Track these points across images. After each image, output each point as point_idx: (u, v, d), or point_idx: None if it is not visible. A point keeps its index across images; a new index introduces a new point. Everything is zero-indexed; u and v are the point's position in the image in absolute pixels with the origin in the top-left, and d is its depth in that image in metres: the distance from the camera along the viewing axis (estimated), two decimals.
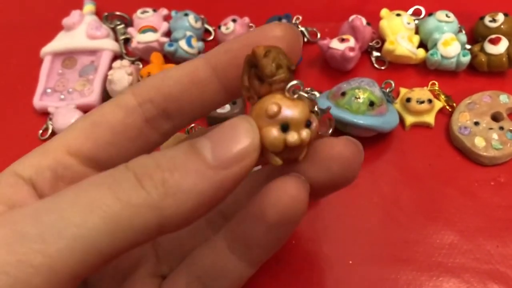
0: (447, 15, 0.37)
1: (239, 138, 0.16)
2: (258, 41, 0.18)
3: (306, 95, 0.17)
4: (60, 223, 0.14)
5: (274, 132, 0.17)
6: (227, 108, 0.34)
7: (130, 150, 0.20)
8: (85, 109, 0.37)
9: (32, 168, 0.18)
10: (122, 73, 0.36)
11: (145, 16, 0.40)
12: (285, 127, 0.17)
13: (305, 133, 0.17)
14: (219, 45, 0.20)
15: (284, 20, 0.38)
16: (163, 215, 0.15)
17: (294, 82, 0.17)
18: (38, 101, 0.38)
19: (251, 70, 0.18)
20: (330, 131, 0.19)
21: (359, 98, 0.31)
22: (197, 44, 0.39)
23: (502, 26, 0.37)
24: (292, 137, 0.17)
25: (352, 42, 0.36)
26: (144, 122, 0.20)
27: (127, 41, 0.41)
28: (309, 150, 0.19)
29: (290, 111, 0.17)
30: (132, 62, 0.39)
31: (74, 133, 0.19)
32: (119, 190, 0.15)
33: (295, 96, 0.17)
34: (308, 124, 0.17)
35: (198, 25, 0.40)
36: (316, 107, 0.18)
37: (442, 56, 0.36)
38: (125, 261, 0.22)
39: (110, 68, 0.39)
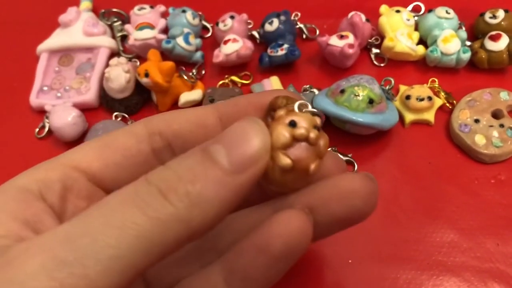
0: (447, 12, 0.37)
1: (251, 140, 0.17)
2: (260, 101, 0.21)
3: (314, 110, 0.19)
4: (95, 246, 0.15)
5: (281, 126, 0.18)
6: None
7: (134, 175, 0.20)
8: (81, 107, 0.36)
9: (40, 181, 0.19)
10: (119, 70, 0.36)
11: (142, 13, 0.40)
12: (293, 123, 0.18)
13: (312, 133, 0.18)
14: (229, 99, 0.22)
15: (282, 17, 0.38)
16: (191, 226, 0.16)
17: (301, 101, 0.19)
18: (34, 99, 0.37)
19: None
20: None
21: (358, 95, 0.31)
22: (195, 41, 0.38)
23: (502, 23, 0.36)
24: (299, 129, 0.18)
25: (351, 39, 0.36)
26: (151, 151, 0.21)
27: (124, 38, 0.41)
28: (320, 167, 0.19)
29: (297, 117, 0.18)
30: (129, 60, 0.39)
31: (84, 152, 0.20)
32: (147, 207, 0.16)
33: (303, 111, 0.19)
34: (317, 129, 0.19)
35: (196, 22, 0.39)
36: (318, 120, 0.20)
37: (442, 53, 0.35)
38: None
39: (107, 65, 0.38)
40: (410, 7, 0.40)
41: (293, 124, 0.18)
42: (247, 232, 0.19)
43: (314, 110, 0.19)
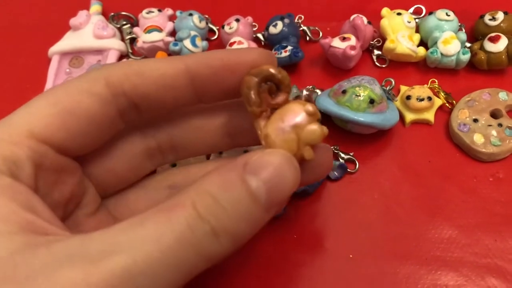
0: (447, 14, 0.38)
1: (289, 183, 0.18)
2: (237, 62, 0.20)
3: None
4: (153, 283, 0.15)
5: (316, 126, 0.19)
6: None
7: (101, 138, 0.21)
8: None
9: (9, 161, 0.17)
10: None
11: (150, 16, 0.41)
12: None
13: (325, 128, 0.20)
14: (200, 55, 0.21)
15: (286, 20, 0.39)
16: (222, 256, 0.17)
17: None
18: None
19: (260, 87, 0.20)
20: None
21: (359, 95, 0.32)
22: (202, 44, 0.39)
23: (502, 24, 0.37)
24: (326, 129, 0.20)
25: (353, 40, 0.37)
26: (117, 113, 0.20)
27: (133, 40, 0.42)
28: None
29: (311, 108, 0.20)
30: None
31: (43, 119, 0.18)
32: (201, 249, 0.16)
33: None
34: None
35: (202, 24, 0.41)
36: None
37: (442, 54, 0.36)
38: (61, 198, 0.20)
39: None
40: (411, 9, 0.41)
41: (311, 113, 0.19)
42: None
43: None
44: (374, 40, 0.39)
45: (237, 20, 0.39)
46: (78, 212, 0.22)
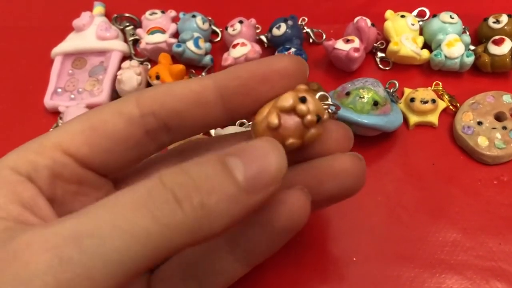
0: (451, 17, 0.38)
1: (270, 163, 0.17)
2: (266, 70, 0.20)
3: (330, 103, 0.21)
4: (103, 249, 0.15)
5: (293, 94, 0.19)
6: None
7: (126, 158, 0.20)
8: None
9: (29, 165, 0.18)
10: (131, 73, 0.37)
11: (153, 18, 0.41)
12: (303, 99, 0.19)
13: (311, 116, 0.19)
14: (228, 70, 0.21)
15: (289, 22, 0.39)
16: (197, 235, 0.16)
17: (324, 93, 0.21)
18: (49, 101, 0.39)
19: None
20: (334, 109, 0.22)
21: (363, 97, 0.32)
22: (205, 45, 0.39)
23: (506, 27, 0.37)
24: (303, 106, 0.19)
25: (357, 43, 0.37)
26: (144, 133, 0.20)
27: (136, 42, 0.42)
28: (297, 147, 0.20)
29: (311, 99, 0.19)
30: (141, 63, 0.40)
31: (71, 135, 0.19)
32: (159, 214, 0.15)
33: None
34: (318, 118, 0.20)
35: (206, 26, 0.41)
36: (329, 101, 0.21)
37: (446, 56, 0.36)
38: None
39: (119, 68, 0.39)
40: (415, 12, 0.41)
41: (303, 100, 0.19)
42: None
43: (331, 104, 0.21)
44: (378, 43, 0.39)
45: (241, 22, 0.39)
46: None
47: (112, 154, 0.20)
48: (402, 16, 0.38)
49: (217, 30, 0.42)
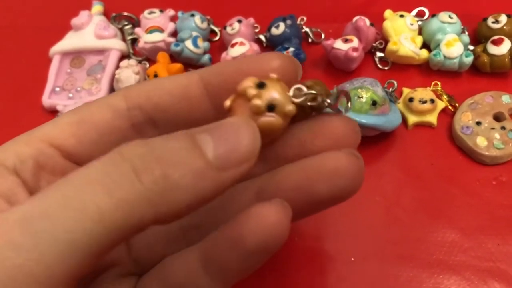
0: (450, 16, 0.38)
1: (242, 140, 0.16)
2: (255, 68, 0.19)
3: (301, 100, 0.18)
4: (53, 230, 0.14)
5: (252, 80, 0.18)
6: None
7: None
8: None
9: (15, 156, 0.18)
10: (129, 72, 0.37)
11: (152, 17, 0.41)
12: (261, 85, 0.18)
13: (257, 101, 0.17)
14: (214, 65, 0.20)
15: (288, 21, 0.38)
16: (158, 211, 0.15)
17: (300, 86, 0.18)
18: (47, 99, 0.39)
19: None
20: (349, 105, 0.19)
21: (361, 97, 0.32)
22: (203, 44, 0.39)
23: (505, 27, 0.37)
24: (251, 91, 0.17)
25: (355, 42, 0.37)
26: (130, 126, 0.20)
27: (134, 41, 0.42)
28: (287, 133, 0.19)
29: (276, 86, 0.18)
30: (139, 62, 0.40)
31: (60, 126, 0.19)
32: (114, 187, 0.14)
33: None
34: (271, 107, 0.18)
35: (204, 25, 0.40)
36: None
37: (445, 56, 0.36)
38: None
39: (117, 67, 0.39)
40: (414, 12, 0.41)
41: (260, 85, 0.18)
42: (228, 215, 0.18)
43: (308, 93, 0.18)
44: (377, 42, 0.39)
45: (239, 21, 0.39)
46: None
47: (98, 146, 0.20)
48: (401, 16, 0.38)
49: (216, 29, 0.42)
